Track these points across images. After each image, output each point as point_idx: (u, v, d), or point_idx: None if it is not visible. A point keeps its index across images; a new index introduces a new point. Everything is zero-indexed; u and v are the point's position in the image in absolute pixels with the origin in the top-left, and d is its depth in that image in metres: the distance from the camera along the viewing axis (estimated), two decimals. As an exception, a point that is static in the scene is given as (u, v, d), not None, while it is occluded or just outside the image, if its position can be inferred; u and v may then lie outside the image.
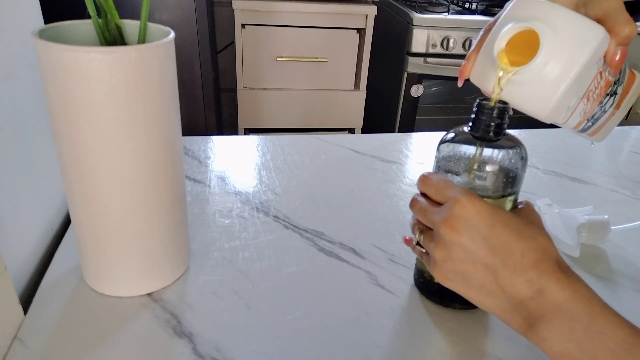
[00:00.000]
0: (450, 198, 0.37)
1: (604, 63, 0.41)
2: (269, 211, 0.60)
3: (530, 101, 0.39)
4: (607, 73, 0.43)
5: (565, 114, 0.42)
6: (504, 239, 0.34)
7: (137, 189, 0.41)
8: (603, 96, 0.46)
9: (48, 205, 0.53)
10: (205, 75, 1.58)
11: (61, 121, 0.38)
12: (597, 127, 0.47)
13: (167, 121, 0.41)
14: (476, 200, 0.36)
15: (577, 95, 0.42)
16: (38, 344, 0.40)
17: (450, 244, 0.36)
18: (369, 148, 0.78)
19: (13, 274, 0.44)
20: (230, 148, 0.76)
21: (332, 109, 1.80)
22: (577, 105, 0.43)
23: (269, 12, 1.59)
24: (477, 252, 0.35)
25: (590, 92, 0.43)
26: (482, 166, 0.40)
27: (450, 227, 0.36)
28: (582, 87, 0.42)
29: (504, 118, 0.39)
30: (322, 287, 0.48)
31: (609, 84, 0.45)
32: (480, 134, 0.40)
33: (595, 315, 0.32)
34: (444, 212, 0.37)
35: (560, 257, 0.36)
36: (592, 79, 0.42)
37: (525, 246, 0.34)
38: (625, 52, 0.40)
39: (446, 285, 0.38)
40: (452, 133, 0.42)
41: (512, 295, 0.34)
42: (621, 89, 0.47)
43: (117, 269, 0.44)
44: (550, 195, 0.66)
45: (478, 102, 0.40)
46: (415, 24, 1.68)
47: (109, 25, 0.41)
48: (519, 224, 0.35)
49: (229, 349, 0.41)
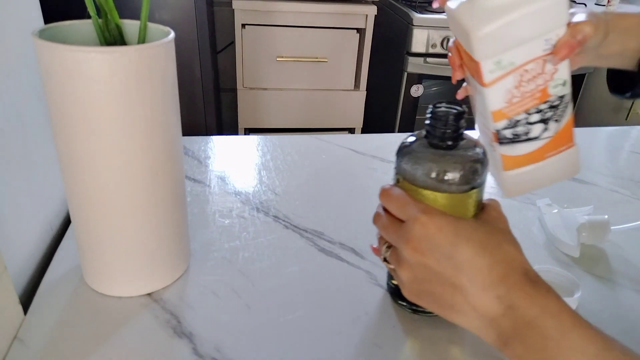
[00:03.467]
0: (410, 217, 0.36)
1: (552, 55, 0.42)
2: (269, 211, 0.60)
3: (470, 18, 0.41)
4: (550, 78, 0.44)
5: (494, 65, 0.43)
6: (468, 256, 0.34)
7: (137, 189, 0.41)
8: (535, 101, 0.45)
9: (48, 205, 0.53)
10: (205, 75, 1.58)
11: (61, 121, 0.38)
12: (515, 159, 0.46)
13: (167, 121, 0.41)
14: (436, 217, 0.35)
15: (513, 56, 0.42)
16: (38, 344, 0.40)
17: (415, 265, 0.36)
18: (369, 148, 0.78)
19: (13, 274, 0.44)
20: (230, 148, 0.76)
21: (332, 109, 1.80)
22: (508, 72, 0.43)
23: (269, 12, 1.59)
24: (443, 273, 0.35)
25: (526, 73, 0.44)
26: (441, 173, 0.38)
27: (413, 249, 0.35)
28: (521, 52, 0.43)
29: (460, 124, 0.38)
30: (322, 287, 0.48)
31: (546, 95, 0.45)
32: (437, 142, 0.39)
33: (566, 331, 0.31)
34: (405, 233, 0.36)
35: (528, 264, 0.35)
36: (534, 57, 0.43)
37: (491, 260, 0.34)
38: (573, 47, 0.41)
39: (418, 304, 0.38)
40: (412, 137, 0.41)
41: (484, 313, 0.34)
42: (554, 127, 0.46)
43: (117, 269, 0.44)
44: (550, 195, 0.66)
45: (432, 109, 0.38)
46: (415, 24, 1.68)
47: (109, 25, 0.41)
48: (483, 235, 0.35)
49: (229, 349, 0.41)
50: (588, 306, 0.48)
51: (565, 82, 0.46)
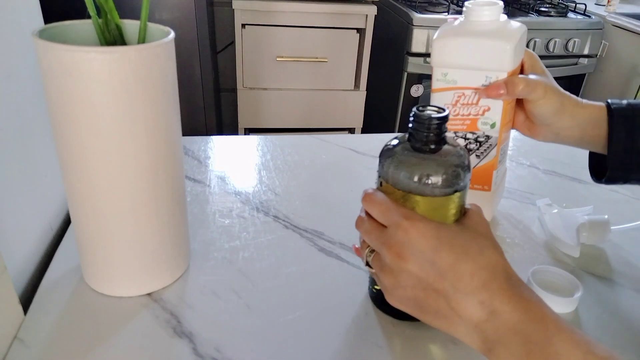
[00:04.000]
0: (392, 223, 0.36)
1: (482, 89, 0.50)
2: (269, 211, 0.60)
3: (439, 32, 0.52)
4: (481, 113, 0.51)
5: (441, 75, 0.51)
6: (451, 261, 0.34)
7: (137, 189, 0.41)
8: (463, 127, 0.53)
9: (48, 205, 0.53)
10: (205, 75, 1.57)
11: (61, 121, 0.38)
12: None
13: (167, 121, 0.41)
14: (419, 222, 0.35)
15: (456, 75, 0.51)
16: (38, 344, 0.40)
17: (398, 271, 0.36)
18: (369, 148, 0.78)
19: (13, 274, 0.44)
20: (230, 148, 0.76)
21: (332, 109, 1.80)
22: (450, 87, 0.51)
23: (269, 12, 1.58)
24: (426, 279, 0.35)
25: (463, 97, 0.52)
26: (423, 177, 0.37)
27: (395, 255, 0.35)
28: (464, 75, 0.51)
29: (442, 128, 0.38)
30: (323, 287, 0.48)
31: (474, 126, 0.52)
32: (420, 146, 0.38)
33: (550, 335, 0.31)
34: (388, 238, 0.36)
35: (511, 269, 0.35)
36: (472, 87, 0.51)
37: (473, 266, 0.34)
38: (498, 89, 0.48)
39: (401, 309, 0.37)
40: (395, 140, 0.40)
41: (467, 319, 0.34)
42: (474, 161, 0.53)
43: (117, 269, 0.44)
44: (550, 195, 0.66)
45: (415, 112, 0.38)
46: (415, 24, 1.67)
47: (109, 25, 0.41)
48: (465, 240, 0.35)
49: (229, 349, 0.41)
50: (588, 306, 0.48)
51: (494, 125, 0.52)
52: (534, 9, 1.89)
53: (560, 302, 0.47)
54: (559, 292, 0.48)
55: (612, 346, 0.43)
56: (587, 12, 1.90)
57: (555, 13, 1.86)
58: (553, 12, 1.87)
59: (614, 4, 1.96)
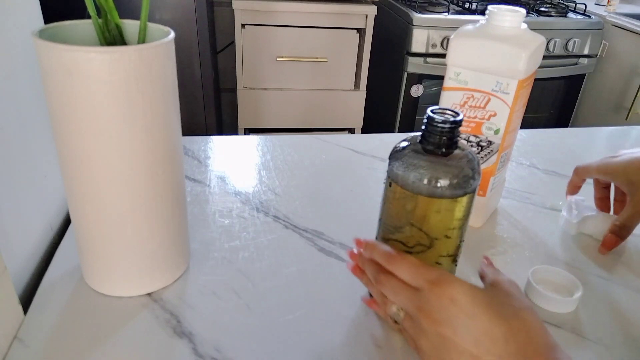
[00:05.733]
0: (424, 287, 0.36)
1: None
2: (269, 211, 0.60)
3: (456, 33, 0.52)
4: (487, 118, 0.52)
5: (454, 74, 0.52)
6: (486, 327, 0.34)
7: (137, 189, 0.41)
8: (467, 129, 0.53)
9: (48, 205, 0.53)
10: (205, 75, 1.58)
11: (61, 121, 0.38)
12: None
13: (167, 121, 0.41)
14: (451, 286, 0.35)
15: (468, 76, 0.51)
16: (38, 344, 0.40)
17: (433, 335, 0.36)
18: (369, 148, 0.78)
19: (13, 274, 0.44)
20: (230, 148, 0.76)
21: (332, 109, 1.80)
22: (460, 87, 0.51)
23: (269, 12, 1.59)
24: (461, 343, 0.34)
25: (472, 99, 0.52)
26: (433, 180, 0.38)
27: (430, 319, 0.35)
28: (475, 78, 0.51)
29: (456, 132, 0.38)
30: (322, 287, 0.48)
31: (478, 130, 0.52)
32: (432, 148, 0.38)
33: None
34: (423, 303, 0.36)
35: (546, 331, 0.35)
36: (483, 90, 0.51)
37: (508, 329, 0.34)
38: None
39: None
40: (405, 142, 0.40)
41: None
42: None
43: (117, 269, 0.44)
44: (550, 195, 0.66)
45: (429, 115, 0.38)
46: (415, 24, 1.68)
47: (109, 25, 0.41)
48: (500, 304, 0.35)
49: (229, 349, 0.41)
50: (588, 306, 0.48)
51: (498, 131, 0.52)
52: (534, 9, 1.89)
53: (560, 302, 0.47)
54: (559, 292, 0.48)
55: (612, 346, 0.43)
56: (587, 12, 1.91)
57: (555, 13, 1.87)
58: (553, 12, 1.87)
59: (614, 4, 1.96)
